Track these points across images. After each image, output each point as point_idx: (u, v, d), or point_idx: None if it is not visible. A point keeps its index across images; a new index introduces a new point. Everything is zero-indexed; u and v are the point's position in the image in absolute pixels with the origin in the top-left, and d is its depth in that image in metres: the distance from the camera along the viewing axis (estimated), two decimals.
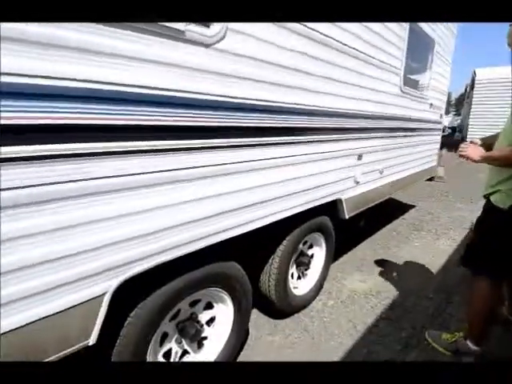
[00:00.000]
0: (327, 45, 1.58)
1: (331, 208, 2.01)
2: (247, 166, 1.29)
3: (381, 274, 2.46)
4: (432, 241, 3.17)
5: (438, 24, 3.12)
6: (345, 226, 2.31)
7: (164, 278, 1.11)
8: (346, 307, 2.03)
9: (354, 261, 2.67)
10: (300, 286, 1.98)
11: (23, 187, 0.71)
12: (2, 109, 0.66)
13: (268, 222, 1.45)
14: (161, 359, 1.24)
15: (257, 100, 1.27)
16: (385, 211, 4.00)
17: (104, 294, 0.90)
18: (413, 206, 4.41)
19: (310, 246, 2.06)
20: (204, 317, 1.40)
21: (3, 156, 0.67)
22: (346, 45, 1.72)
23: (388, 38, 2.15)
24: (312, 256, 2.07)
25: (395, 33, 2.22)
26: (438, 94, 3.37)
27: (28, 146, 0.70)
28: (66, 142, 0.76)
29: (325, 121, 1.73)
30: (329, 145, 1.79)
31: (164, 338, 1.26)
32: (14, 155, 0.69)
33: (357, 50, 1.83)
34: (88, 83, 0.77)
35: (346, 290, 2.22)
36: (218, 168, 1.17)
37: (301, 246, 1.93)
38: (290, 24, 1.34)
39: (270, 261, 1.69)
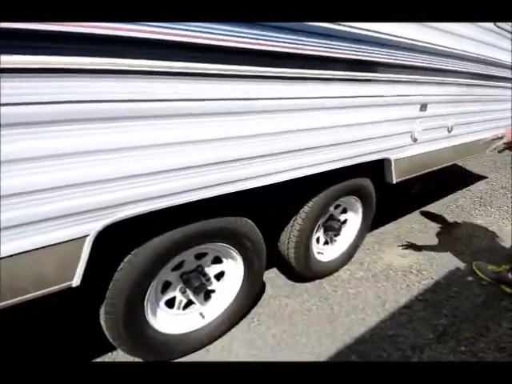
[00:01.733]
0: None
1: (376, 168, 1.69)
2: (263, 104, 1.05)
3: (427, 251, 2.13)
4: (500, 220, 2.65)
5: None
6: (393, 190, 1.98)
7: (160, 226, 1.00)
8: (376, 282, 1.81)
9: (398, 232, 2.35)
10: (326, 252, 1.79)
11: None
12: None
13: (287, 178, 1.23)
14: (163, 306, 1.21)
15: None
16: (447, 179, 3.44)
17: (85, 237, 0.82)
18: (483, 177, 3.72)
19: (344, 211, 1.81)
20: (212, 270, 1.32)
21: None
22: None
23: None
24: (345, 222, 1.83)
25: None
26: None
27: None
28: None
29: (376, 52, 1.34)
30: (380, 86, 1.41)
31: (167, 286, 1.21)
32: None
33: None
34: None
35: (382, 263, 1.97)
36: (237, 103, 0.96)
37: (332, 209, 1.69)
38: None
39: (292, 222, 1.51)
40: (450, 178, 3.56)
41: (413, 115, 1.66)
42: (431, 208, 2.82)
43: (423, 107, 1.70)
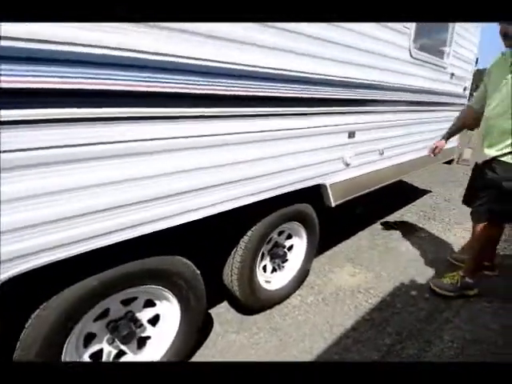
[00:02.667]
0: None
1: (314, 194, 1.76)
2: (198, 142, 1.07)
3: (375, 268, 2.20)
4: (442, 232, 2.83)
5: None
6: (340, 212, 2.06)
7: (70, 275, 0.95)
8: (326, 305, 1.82)
9: (348, 251, 2.42)
10: (274, 280, 1.78)
11: None
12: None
13: (221, 210, 1.24)
14: (87, 359, 1.11)
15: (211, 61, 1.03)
16: (393, 196, 3.65)
17: None
18: (427, 192, 4.01)
19: (289, 236, 1.83)
20: (144, 315, 1.25)
21: None
22: None
23: None
24: (291, 247, 1.85)
25: None
26: (461, 62, 2.89)
27: None
28: None
29: (302, 89, 1.45)
30: (309, 119, 1.51)
31: (91, 338, 1.12)
32: None
33: None
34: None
35: (332, 285, 2.00)
36: (156, 143, 0.97)
37: (275, 236, 1.71)
38: None
39: (233, 253, 1.50)
40: (398, 194, 3.79)
41: (342, 142, 1.78)
42: (378, 225, 2.95)
43: (351, 134, 1.82)
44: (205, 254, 1.46)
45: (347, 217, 2.89)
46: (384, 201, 3.46)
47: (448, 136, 2.04)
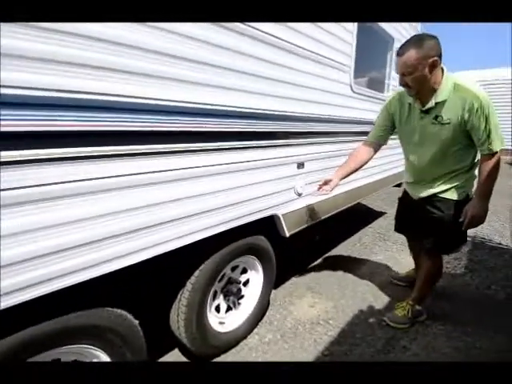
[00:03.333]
0: (251, 36, 1.30)
1: (266, 225, 1.72)
2: (126, 181, 0.98)
3: (334, 296, 2.18)
4: (396, 253, 2.93)
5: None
6: (298, 240, 2.03)
7: None
8: (285, 342, 1.73)
9: (307, 280, 2.38)
10: (229, 320, 1.66)
11: None
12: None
13: (160, 252, 1.14)
14: None
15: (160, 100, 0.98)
16: (350, 219, 3.75)
17: None
18: (382, 213, 4.19)
19: (244, 271, 1.75)
20: None
21: None
22: (275, 36, 1.45)
23: (329, 29, 1.89)
24: (246, 282, 1.77)
25: (339, 24, 1.97)
26: None
27: None
28: None
29: (252, 124, 1.45)
30: (256, 152, 1.50)
31: None
32: None
33: (288, 42, 1.57)
34: None
35: (291, 319, 1.92)
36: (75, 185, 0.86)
37: (228, 271, 1.62)
38: None
39: (179, 296, 1.38)
40: (355, 217, 3.91)
41: (291, 173, 1.79)
42: (339, 250, 2.99)
43: (300, 165, 1.85)
44: (148, 301, 1.33)
45: (306, 245, 2.88)
46: (342, 225, 3.54)
47: (345, 176, 1.75)
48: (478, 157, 1.55)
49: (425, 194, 1.67)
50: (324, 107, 1.98)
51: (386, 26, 2.62)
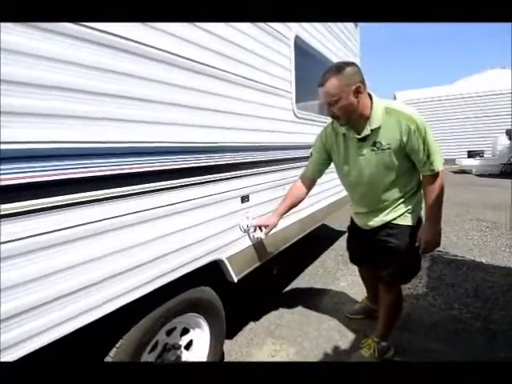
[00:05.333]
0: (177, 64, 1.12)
1: (209, 273, 1.48)
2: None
3: (297, 338, 1.96)
4: (357, 277, 2.81)
5: (337, 44, 2.99)
6: (255, 278, 1.81)
7: None
8: None
9: (267, 323, 2.14)
10: None
11: None
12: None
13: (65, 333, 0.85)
14: None
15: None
16: (311, 242, 3.63)
17: None
18: (343, 232, 4.14)
19: (185, 331, 1.48)
20: None
21: None
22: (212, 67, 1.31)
23: (267, 56, 1.81)
24: (189, 344, 1.49)
25: (273, 49, 1.89)
26: None
27: None
28: None
29: (183, 160, 1.25)
30: (191, 190, 1.29)
31: None
32: None
33: (228, 72, 1.44)
34: None
35: None
36: None
37: (162, 338, 1.34)
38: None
39: None
40: (316, 239, 3.80)
41: (235, 209, 1.60)
42: (301, 280, 2.81)
43: (244, 198, 1.67)
44: None
45: (263, 280, 2.66)
46: (303, 249, 3.40)
47: (284, 213, 1.67)
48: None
49: (376, 223, 1.56)
50: (267, 135, 1.86)
51: (324, 50, 2.64)
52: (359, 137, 1.42)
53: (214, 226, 1.46)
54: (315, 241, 3.72)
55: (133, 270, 1.07)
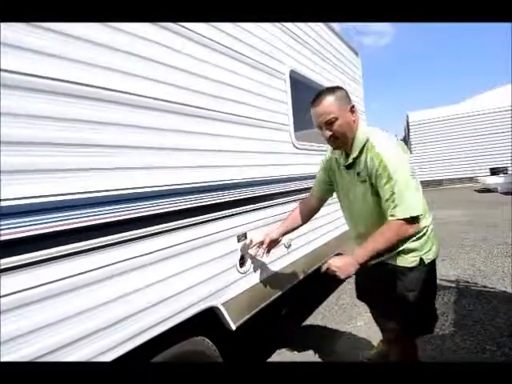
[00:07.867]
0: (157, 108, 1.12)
1: (204, 322, 1.38)
2: None
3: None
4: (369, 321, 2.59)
5: (338, 74, 3.01)
6: (258, 321, 1.69)
7: None
8: None
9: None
10: None
11: None
12: None
13: None
14: None
15: None
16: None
17: None
18: None
19: None
20: None
21: None
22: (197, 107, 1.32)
23: (263, 92, 1.82)
24: None
25: (270, 86, 1.91)
26: None
27: None
28: None
29: (175, 202, 1.22)
30: (181, 233, 1.24)
31: None
32: None
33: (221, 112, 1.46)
34: None
35: None
36: None
37: None
38: None
39: None
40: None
41: (231, 249, 1.52)
42: (313, 318, 2.62)
43: (241, 237, 1.59)
44: None
45: (270, 322, 2.48)
46: (315, 283, 3.21)
47: (285, 232, 1.63)
48: (428, 217, 1.36)
49: (372, 261, 1.38)
50: (266, 169, 1.82)
51: (319, 79, 2.63)
52: (346, 164, 1.36)
53: (209, 270, 1.38)
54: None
55: (109, 328, 0.99)
